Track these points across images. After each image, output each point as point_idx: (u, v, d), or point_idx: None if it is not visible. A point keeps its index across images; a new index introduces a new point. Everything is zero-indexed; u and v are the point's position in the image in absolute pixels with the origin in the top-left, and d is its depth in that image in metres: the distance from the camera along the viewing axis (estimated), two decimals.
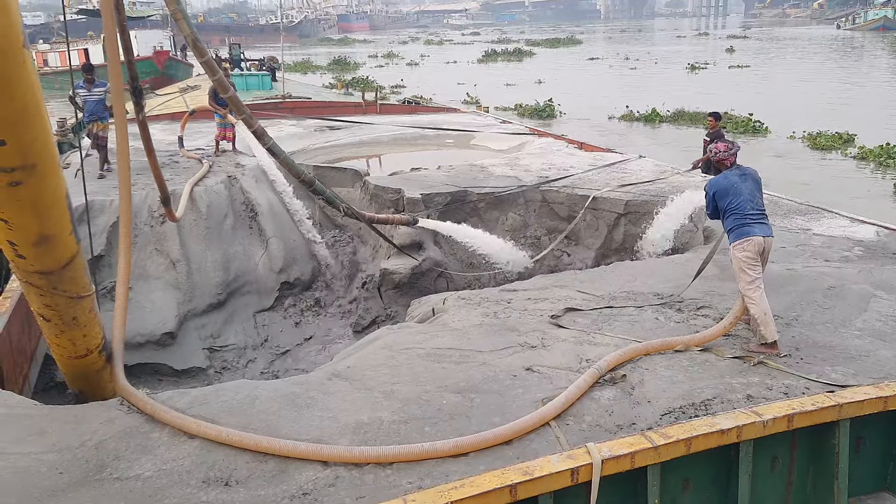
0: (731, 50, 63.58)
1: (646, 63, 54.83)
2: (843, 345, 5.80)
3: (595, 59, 60.89)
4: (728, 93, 34.95)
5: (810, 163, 21.34)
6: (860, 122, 24.79)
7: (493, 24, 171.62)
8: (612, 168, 12.59)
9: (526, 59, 63.73)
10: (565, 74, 47.81)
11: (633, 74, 48.36)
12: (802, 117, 26.50)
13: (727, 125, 23.90)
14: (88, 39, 41.31)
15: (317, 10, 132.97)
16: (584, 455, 4.11)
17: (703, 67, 49.73)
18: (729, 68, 49.03)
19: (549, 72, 48.12)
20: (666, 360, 5.53)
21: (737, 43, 72.05)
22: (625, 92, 37.43)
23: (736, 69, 48.31)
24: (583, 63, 57.98)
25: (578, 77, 46.88)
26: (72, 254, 3.70)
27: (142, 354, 9.14)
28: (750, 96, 32.51)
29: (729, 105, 27.35)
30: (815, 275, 7.39)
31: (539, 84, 41.05)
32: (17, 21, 2.82)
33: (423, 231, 10.37)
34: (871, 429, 4.91)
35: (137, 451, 4.39)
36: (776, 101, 31.32)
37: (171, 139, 14.19)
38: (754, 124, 25.18)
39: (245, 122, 6.48)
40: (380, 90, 29.22)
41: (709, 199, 5.92)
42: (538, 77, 44.24)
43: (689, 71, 48.40)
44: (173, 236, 10.24)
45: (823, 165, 21.10)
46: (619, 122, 28.83)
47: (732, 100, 30.12)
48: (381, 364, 5.59)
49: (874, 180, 19.24)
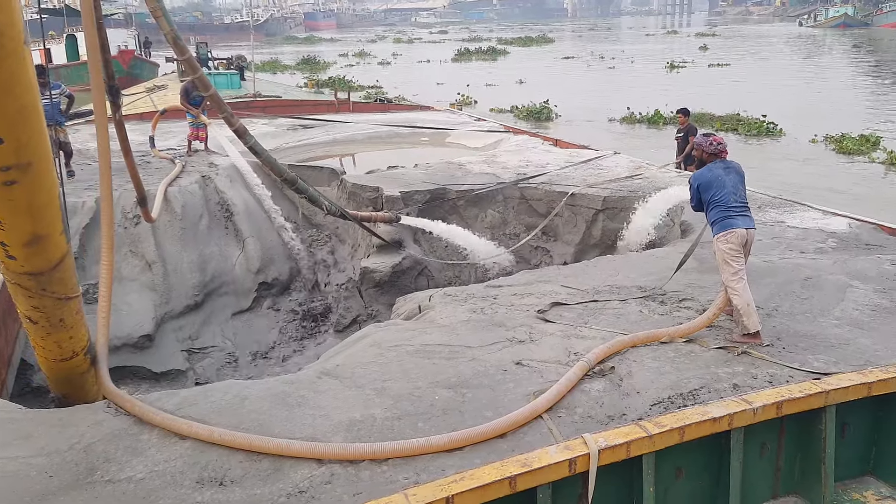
0: (705, 48, 63.64)
1: (623, 62, 54.60)
2: (822, 333, 5.91)
3: (569, 57, 60.35)
4: (718, 92, 34.49)
5: (838, 168, 19.68)
6: (867, 122, 24.18)
7: (462, 22, 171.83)
8: (588, 164, 12.68)
9: (500, 59, 63.15)
10: (545, 74, 47.13)
11: (613, 73, 48.07)
12: (810, 118, 25.89)
13: (738, 127, 23.53)
14: (50, 39, 40.48)
15: (283, 9, 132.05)
16: (581, 445, 4.15)
17: (682, 66, 49.39)
18: (708, 67, 48.77)
19: (527, 71, 47.24)
20: (652, 352, 5.59)
21: (707, 41, 72.36)
22: (613, 92, 36.80)
23: (716, 67, 48.09)
24: (559, 62, 57.65)
25: (560, 77, 46.06)
26: (62, 254, 3.64)
27: (119, 357, 8.99)
28: (742, 96, 31.97)
29: (726, 105, 27.01)
30: (792, 266, 7.53)
31: (521, 84, 40.37)
32: (19, 18, 2.77)
33: (403, 229, 10.36)
34: (856, 415, 5.02)
35: (128, 453, 4.33)
36: (771, 101, 30.48)
37: (141, 139, 13.96)
38: (768, 126, 24.13)
39: (226, 121, 6.41)
40: (359, 91, 28.92)
41: (693, 191, 5.99)
42: (518, 77, 43.70)
43: (669, 69, 48.05)
44: (148, 238, 10.11)
45: (850, 171, 19.41)
46: (619, 124, 27.94)
47: (725, 99, 29.74)
48: (371, 361, 5.58)
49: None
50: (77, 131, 16.60)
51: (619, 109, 29.06)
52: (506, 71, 50.01)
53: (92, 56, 5.06)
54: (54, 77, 36.16)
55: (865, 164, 19.98)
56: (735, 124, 24.46)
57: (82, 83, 34.12)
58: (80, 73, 35.97)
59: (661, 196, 10.01)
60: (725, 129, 23.78)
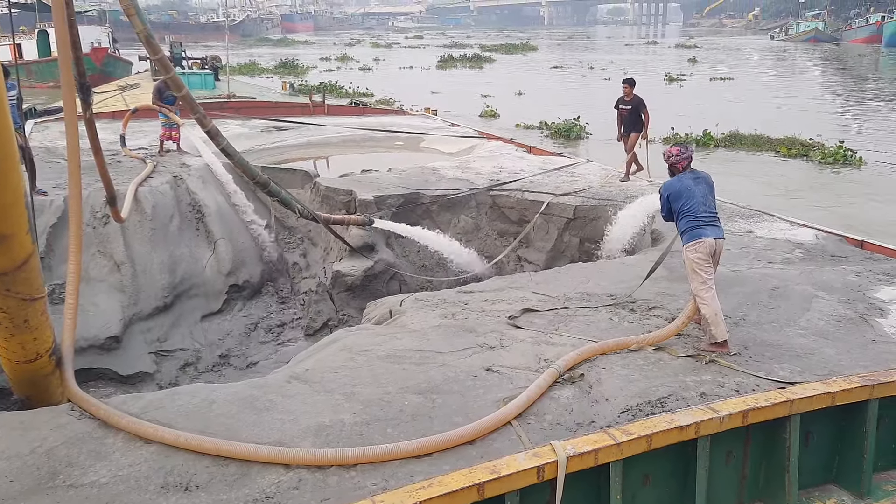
0: (694, 60, 60.89)
1: (615, 73, 50.35)
2: (788, 343, 6.01)
3: (559, 67, 57.21)
4: (742, 108, 31.52)
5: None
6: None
7: (438, 27, 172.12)
8: (561, 171, 12.76)
9: (486, 66, 60.86)
10: (540, 85, 43.90)
11: (613, 86, 43.24)
12: (880, 143, 23.28)
13: (808, 152, 20.84)
14: (21, 34, 39.82)
15: (260, 10, 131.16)
16: (550, 453, 4.16)
17: (682, 79, 46.14)
18: (710, 80, 45.40)
19: (520, 81, 43.63)
20: (622, 360, 5.63)
21: (691, 52, 70.91)
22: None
23: (719, 81, 44.86)
24: (549, 72, 54.74)
25: (559, 88, 42.87)
26: (28, 254, 3.57)
27: (85, 359, 8.83)
28: (774, 113, 29.23)
29: (755, 123, 24.26)
30: (759, 276, 7.64)
31: (521, 95, 37.68)
32: None
33: (375, 233, 10.33)
34: (819, 424, 5.10)
35: (91, 458, 4.26)
36: (812, 119, 27.36)
37: (112, 138, 13.76)
38: (845, 153, 20.48)
39: (199, 122, 6.33)
40: (347, 99, 27.96)
41: (663, 201, 6.06)
42: (514, 87, 40.05)
43: (668, 82, 44.85)
44: (117, 238, 9.96)
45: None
46: (662, 144, 23.31)
47: (755, 117, 26.68)
48: (341, 366, 5.55)
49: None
50: (47, 129, 16.38)
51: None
52: (496, 80, 47.06)
53: (62, 53, 4.98)
54: (25, 73, 35.72)
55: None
56: (804, 150, 21.43)
57: (53, 80, 33.75)
58: (51, 70, 35.46)
59: (639, 203, 10.13)
60: (794, 156, 21.14)
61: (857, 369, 5.41)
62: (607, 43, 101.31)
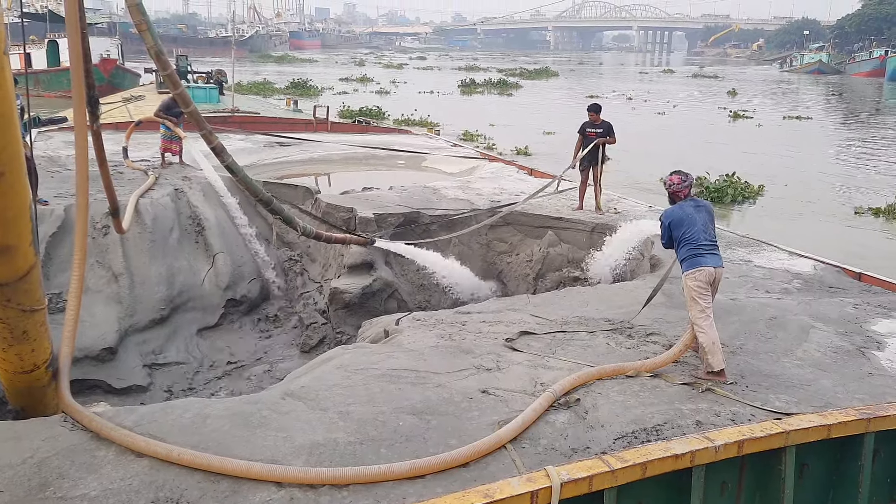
0: (734, 92, 56.95)
1: (658, 104, 46.52)
2: (785, 374, 6.00)
3: (594, 96, 49.04)
4: (873, 159, 27.34)
5: None
6: None
7: (444, 48, 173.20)
8: (562, 195, 12.78)
9: (514, 92, 56.68)
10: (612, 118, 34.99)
11: (676, 121, 38.73)
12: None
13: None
14: (31, 44, 40.13)
15: (268, 26, 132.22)
16: (544, 478, 4.14)
17: (746, 116, 41.15)
18: (784, 119, 40.99)
19: (563, 111, 37.98)
20: (618, 385, 5.62)
21: (713, 82, 66.65)
22: (711, 150, 27.92)
23: (794, 121, 40.41)
24: (587, 101, 42.01)
25: (628, 121, 34.65)
26: (30, 265, 3.57)
27: (79, 370, 8.79)
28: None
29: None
30: (757, 305, 7.64)
31: None
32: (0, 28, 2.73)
33: (374, 251, 10.33)
34: (815, 456, 5.08)
35: (83, 470, 4.23)
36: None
37: (115, 149, 13.79)
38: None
39: (205, 139, 6.35)
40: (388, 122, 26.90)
41: (664, 228, 6.08)
42: (569, 120, 27.49)
43: (732, 119, 40.40)
44: (116, 249, 9.96)
45: None
46: (871, 216, 18.60)
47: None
48: (336, 384, 5.53)
49: None
50: (50, 138, 16.45)
51: (789, 182, 21.37)
52: (533, 108, 43.39)
53: (75, 65, 5.01)
54: (33, 83, 35.92)
55: None
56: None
57: (62, 90, 33.93)
58: (59, 80, 35.72)
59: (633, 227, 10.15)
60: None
61: (854, 402, 5.40)
62: (620, 70, 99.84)
